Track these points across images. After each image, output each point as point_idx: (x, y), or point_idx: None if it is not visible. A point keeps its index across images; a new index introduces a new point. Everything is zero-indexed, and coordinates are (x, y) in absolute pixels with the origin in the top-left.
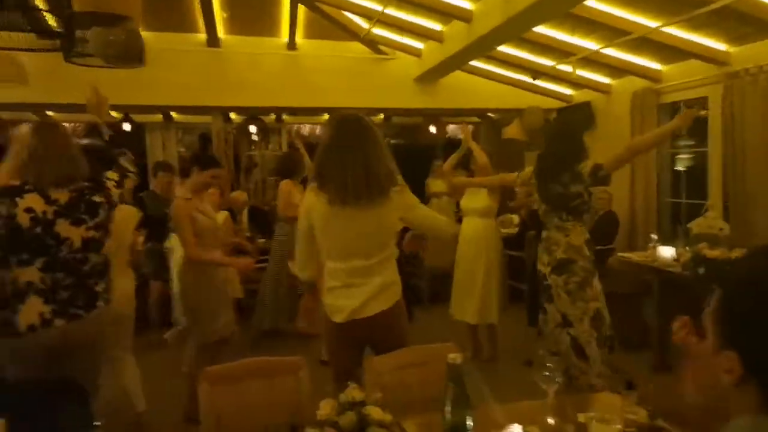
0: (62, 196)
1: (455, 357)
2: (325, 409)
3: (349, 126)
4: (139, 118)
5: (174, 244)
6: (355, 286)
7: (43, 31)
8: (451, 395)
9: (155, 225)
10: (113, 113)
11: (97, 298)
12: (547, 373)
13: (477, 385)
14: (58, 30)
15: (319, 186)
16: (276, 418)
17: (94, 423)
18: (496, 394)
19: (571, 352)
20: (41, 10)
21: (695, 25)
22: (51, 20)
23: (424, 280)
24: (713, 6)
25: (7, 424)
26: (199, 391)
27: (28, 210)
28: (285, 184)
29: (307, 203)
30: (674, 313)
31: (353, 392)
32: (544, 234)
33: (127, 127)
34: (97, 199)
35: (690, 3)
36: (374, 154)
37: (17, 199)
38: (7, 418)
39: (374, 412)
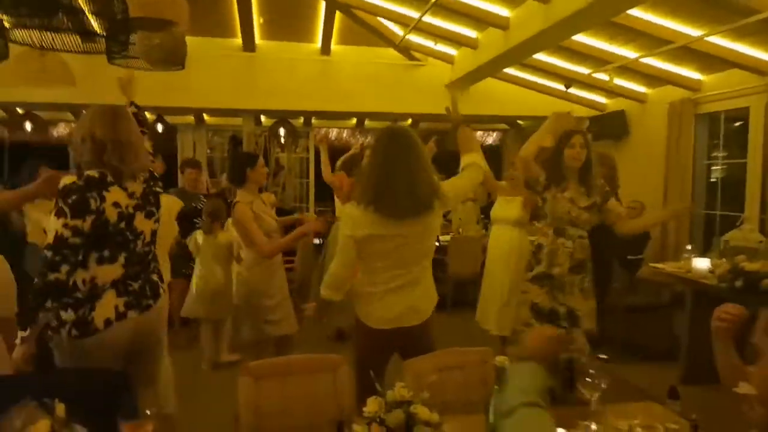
0: (137, 188)
1: (502, 360)
2: (372, 406)
3: (398, 142)
4: (172, 119)
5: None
6: (395, 295)
7: (89, 33)
8: (495, 398)
9: (183, 221)
10: (147, 114)
11: (159, 287)
12: (589, 380)
13: None
14: (103, 33)
15: (367, 199)
16: (315, 415)
17: (146, 411)
18: None
19: None
20: (87, 13)
21: (739, 34)
22: (95, 23)
23: (448, 287)
24: (760, 16)
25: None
26: (239, 385)
27: (116, 204)
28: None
29: (351, 216)
30: (706, 324)
31: (401, 391)
32: None
33: (159, 128)
34: (158, 189)
35: (736, 12)
36: (420, 171)
37: (104, 192)
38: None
39: (422, 412)
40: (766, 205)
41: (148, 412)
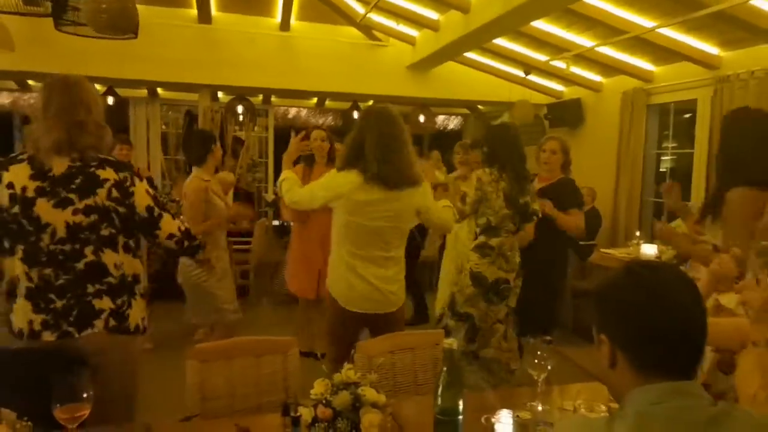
0: (59, 167)
1: (450, 342)
2: (319, 388)
3: (389, 118)
4: (123, 92)
5: None
6: (371, 278)
7: None
8: (443, 379)
9: None
10: (97, 86)
11: (94, 315)
12: (537, 360)
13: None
14: None
15: (356, 167)
16: (263, 397)
17: (85, 394)
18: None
19: None
20: None
21: (690, 27)
22: None
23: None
24: (710, 9)
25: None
26: (186, 369)
27: (9, 185)
28: None
29: (350, 181)
30: None
31: (348, 372)
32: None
33: (110, 100)
34: (102, 174)
35: (687, 5)
36: (409, 145)
37: (3, 171)
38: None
39: (369, 393)
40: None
41: (86, 395)
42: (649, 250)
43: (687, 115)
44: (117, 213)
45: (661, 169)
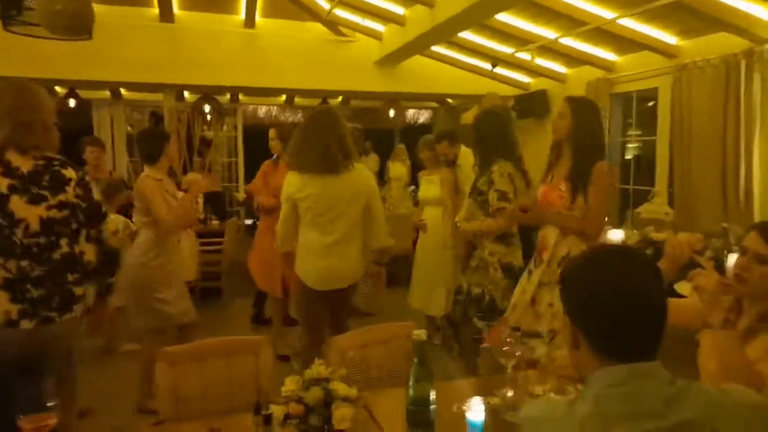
0: (25, 165)
1: (420, 333)
2: (290, 385)
3: (312, 116)
4: (85, 94)
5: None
6: (325, 259)
7: None
8: (414, 370)
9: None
10: (58, 88)
11: (74, 299)
12: (506, 348)
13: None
14: None
15: (299, 160)
16: (235, 398)
17: (48, 404)
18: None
19: None
20: None
21: (649, 17)
22: None
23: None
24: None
25: None
26: (156, 372)
27: None
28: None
29: (290, 181)
30: None
31: (319, 368)
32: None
33: (71, 103)
34: (66, 173)
35: None
36: (344, 134)
37: None
38: None
39: (340, 388)
40: (673, 180)
41: (50, 404)
42: (616, 235)
43: (650, 103)
44: (81, 208)
45: (626, 157)
